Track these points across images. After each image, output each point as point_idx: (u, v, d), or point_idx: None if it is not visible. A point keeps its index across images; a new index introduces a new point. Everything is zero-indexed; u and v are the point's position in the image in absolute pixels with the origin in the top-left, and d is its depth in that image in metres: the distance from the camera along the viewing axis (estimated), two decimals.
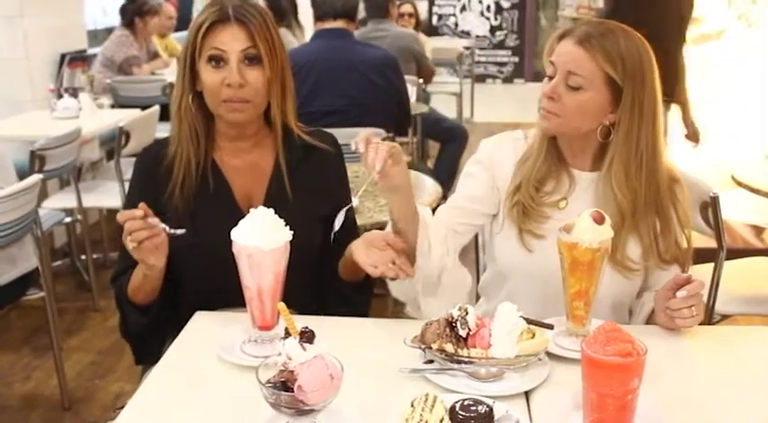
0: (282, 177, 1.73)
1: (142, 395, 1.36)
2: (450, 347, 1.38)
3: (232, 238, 1.39)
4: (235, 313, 1.59)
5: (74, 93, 4.23)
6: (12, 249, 2.58)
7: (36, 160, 3.21)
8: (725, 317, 2.62)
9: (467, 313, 1.39)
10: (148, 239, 1.49)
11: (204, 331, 1.58)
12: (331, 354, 1.16)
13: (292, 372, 1.13)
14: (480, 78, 10.99)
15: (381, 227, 2.61)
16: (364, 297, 1.82)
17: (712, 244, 2.38)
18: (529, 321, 1.38)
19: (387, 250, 1.52)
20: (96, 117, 4.16)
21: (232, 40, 1.61)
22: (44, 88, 4.38)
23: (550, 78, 1.62)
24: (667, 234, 1.64)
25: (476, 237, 2.05)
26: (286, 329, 1.15)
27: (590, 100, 1.58)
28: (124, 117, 3.89)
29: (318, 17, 3.34)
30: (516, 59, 11.63)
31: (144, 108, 4.25)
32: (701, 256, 2.10)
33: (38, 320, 3.46)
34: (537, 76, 11.40)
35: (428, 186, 2.65)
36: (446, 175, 4.98)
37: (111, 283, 1.75)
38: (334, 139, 1.84)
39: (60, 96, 4.18)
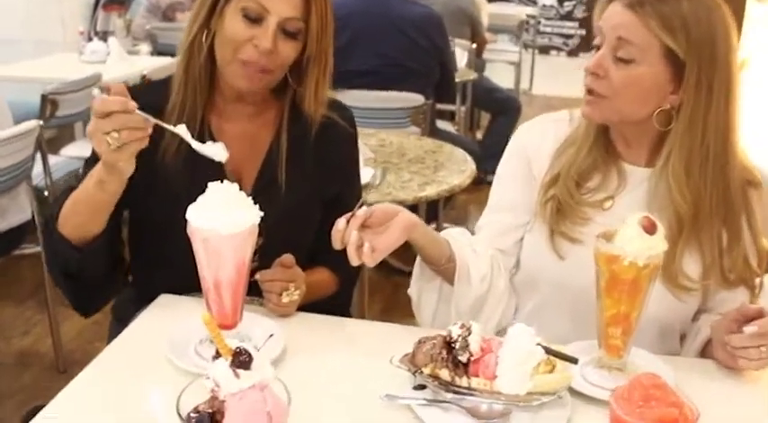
0: (280, 156, 1.44)
1: (71, 390, 1.13)
2: (445, 374, 1.09)
3: (187, 217, 1.12)
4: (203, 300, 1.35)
5: (104, 37, 4.01)
6: (2, 200, 2.37)
7: (48, 105, 2.99)
8: None
9: (470, 333, 1.10)
10: (138, 141, 1.15)
11: (163, 318, 1.34)
12: (279, 379, 0.89)
13: (223, 401, 0.86)
14: (544, 50, 10.52)
15: (401, 205, 2.33)
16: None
17: None
18: (548, 351, 1.08)
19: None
20: (124, 63, 3.92)
21: (281, 2, 1.31)
22: (76, 31, 4.17)
23: (597, 49, 1.30)
24: (735, 249, 1.31)
25: None
26: (217, 350, 0.88)
27: (642, 77, 1.25)
28: (150, 64, 3.66)
29: None
30: (583, 32, 11.08)
31: None
32: None
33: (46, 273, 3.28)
34: None
35: (461, 162, 2.33)
36: (494, 149, 4.64)
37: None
38: (352, 117, 1.55)
39: (90, 39, 3.96)
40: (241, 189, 1.14)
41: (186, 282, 1.41)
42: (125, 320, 1.49)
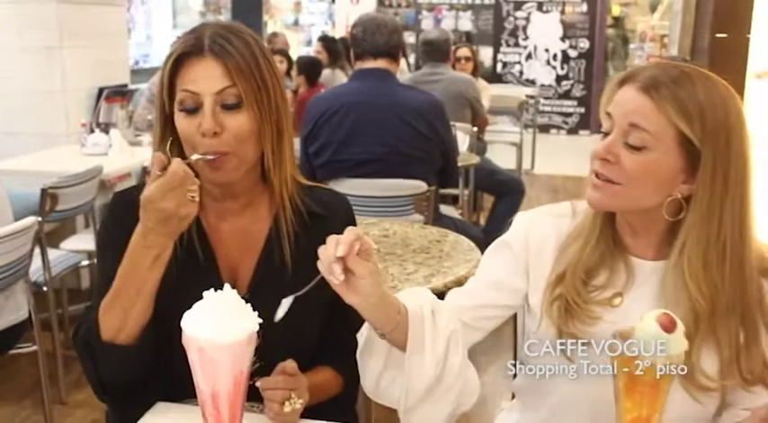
0: (279, 250, 1.40)
1: None
2: None
3: (182, 325, 1.07)
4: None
5: (106, 128, 4.03)
6: None
7: (47, 199, 2.97)
8: None
9: None
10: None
11: None
12: None
13: None
14: (544, 129, 10.66)
15: None
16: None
17: None
18: None
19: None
20: (126, 154, 3.93)
21: (206, 79, 1.28)
22: (78, 123, 4.20)
23: (606, 135, 1.26)
24: (753, 348, 1.24)
25: (513, 317, 1.69)
26: None
27: (656, 164, 1.20)
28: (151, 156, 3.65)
29: (358, 55, 3.03)
30: (582, 110, 11.26)
31: None
32: None
33: (47, 369, 3.19)
34: None
35: (466, 251, 2.28)
36: (499, 233, 4.61)
37: (74, 336, 1.36)
38: (348, 205, 1.52)
39: (92, 131, 3.99)
40: (235, 288, 1.10)
41: (180, 388, 1.35)
42: None
